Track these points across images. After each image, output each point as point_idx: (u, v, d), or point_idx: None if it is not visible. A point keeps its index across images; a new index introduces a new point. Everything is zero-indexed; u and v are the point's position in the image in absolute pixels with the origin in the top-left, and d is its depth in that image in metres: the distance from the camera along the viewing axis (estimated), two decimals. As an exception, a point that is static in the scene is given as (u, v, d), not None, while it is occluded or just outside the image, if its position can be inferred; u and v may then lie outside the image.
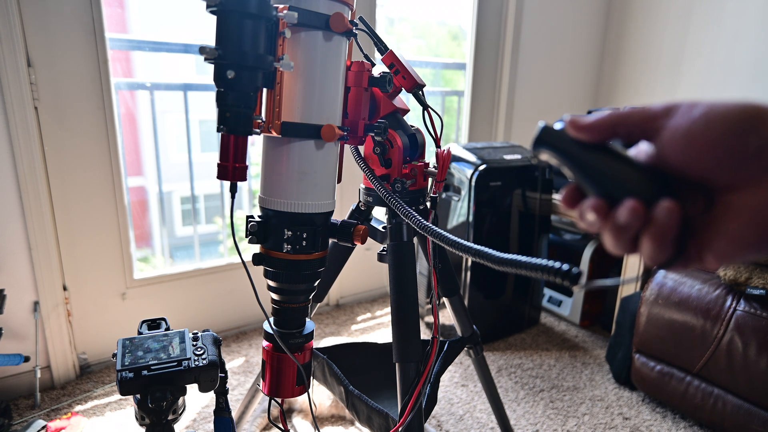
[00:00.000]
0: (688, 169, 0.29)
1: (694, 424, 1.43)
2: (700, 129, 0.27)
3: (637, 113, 0.30)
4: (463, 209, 1.74)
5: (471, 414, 1.46)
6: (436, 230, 0.52)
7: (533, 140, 0.34)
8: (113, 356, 0.65)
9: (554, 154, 0.33)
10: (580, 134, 0.32)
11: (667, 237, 0.28)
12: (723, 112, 0.27)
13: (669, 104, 0.29)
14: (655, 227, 0.28)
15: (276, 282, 0.66)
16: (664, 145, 0.29)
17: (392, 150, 0.81)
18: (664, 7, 2.35)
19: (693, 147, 0.28)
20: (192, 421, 1.38)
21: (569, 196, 0.33)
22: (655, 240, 0.29)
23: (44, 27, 1.34)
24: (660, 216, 0.28)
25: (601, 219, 0.31)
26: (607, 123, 0.31)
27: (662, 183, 0.30)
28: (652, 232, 0.29)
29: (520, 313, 1.96)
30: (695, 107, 0.28)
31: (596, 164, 0.32)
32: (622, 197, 0.30)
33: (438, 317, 0.82)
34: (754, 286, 1.23)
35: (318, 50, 0.60)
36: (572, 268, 0.34)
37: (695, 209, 0.29)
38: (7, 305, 1.39)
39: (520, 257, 0.38)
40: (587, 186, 0.32)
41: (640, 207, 0.29)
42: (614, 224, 0.30)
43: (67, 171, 1.45)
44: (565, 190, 0.34)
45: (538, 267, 0.36)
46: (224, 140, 0.54)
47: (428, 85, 1.80)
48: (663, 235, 0.28)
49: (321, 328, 1.94)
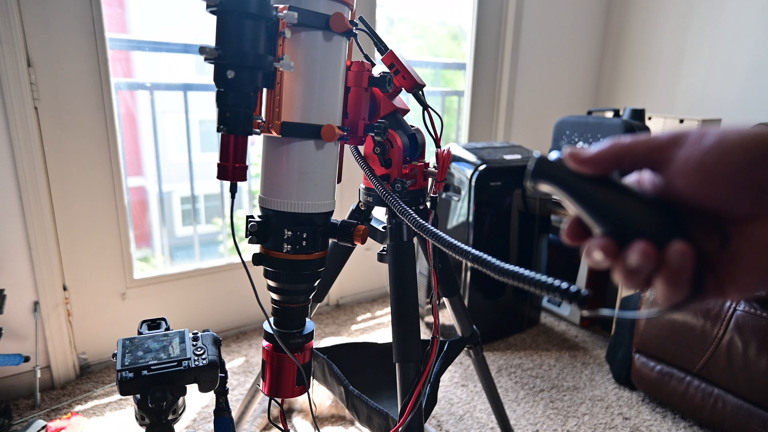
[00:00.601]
0: (702, 202, 0.27)
1: (694, 424, 1.43)
2: (714, 160, 0.26)
3: (642, 144, 0.29)
4: (463, 209, 1.74)
5: (471, 414, 1.46)
6: (435, 232, 0.51)
7: (529, 172, 0.32)
8: (113, 356, 0.65)
9: (555, 187, 0.31)
10: (582, 168, 0.30)
11: (683, 279, 0.27)
12: (737, 142, 0.25)
13: (676, 133, 0.28)
14: (669, 270, 0.27)
15: (276, 282, 0.66)
16: (674, 177, 0.28)
17: (392, 150, 0.81)
18: (664, 7, 2.35)
19: (707, 179, 0.26)
20: (192, 421, 1.38)
21: (573, 231, 0.32)
22: (669, 283, 0.27)
23: (44, 27, 1.34)
24: (673, 259, 0.27)
25: (610, 260, 0.29)
26: (611, 155, 0.29)
27: (673, 220, 0.28)
28: (666, 276, 0.27)
29: (520, 313, 1.96)
30: (705, 136, 0.26)
31: (602, 200, 0.29)
32: (631, 237, 0.28)
33: (438, 317, 0.82)
34: (754, 286, 1.23)
35: (318, 50, 0.60)
36: (580, 290, 0.32)
37: (710, 245, 0.28)
38: (7, 305, 1.39)
39: (523, 271, 0.35)
40: (592, 222, 0.30)
41: (651, 250, 0.27)
42: (625, 267, 0.28)
43: (67, 171, 1.45)
44: (567, 223, 0.32)
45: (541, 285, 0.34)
46: (224, 140, 0.54)
47: (428, 85, 1.80)
48: (678, 277, 0.27)
49: (321, 328, 1.94)
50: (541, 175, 0.31)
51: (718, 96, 2.21)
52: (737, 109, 2.15)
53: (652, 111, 2.42)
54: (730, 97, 2.17)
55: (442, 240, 0.48)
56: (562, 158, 0.31)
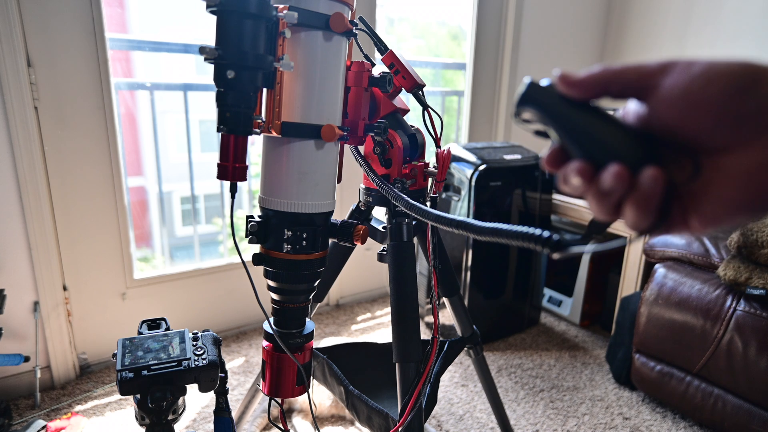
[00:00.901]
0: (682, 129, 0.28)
1: (694, 424, 1.43)
2: (700, 86, 0.26)
3: (631, 70, 0.29)
4: (463, 209, 1.74)
5: (471, 414, 1.46)
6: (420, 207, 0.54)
7: (518, 97, 0.32)
8: (113, 356, 0.65)
9: (539, 113, 0.32)
10: (570, 90, 0.30)
11: (651, 204, 0.28)
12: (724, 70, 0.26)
13: (665, 61, 0.28)
14: (639, 194, 0.28)
15: (276, 282, 0.66)
16: (659, 103, 0.28)
17: (392, 150, 0.81)
18: (664, 7, 2.35)
19: (690, 104, 0.27)
20: (192, 421, 1.39)
21: (553, 158, 0.32)
22: (638, 207, 0.28)
23: (44, 27, 1.34)
24: (645, 183, 0.28)
25: (586, 183, 0.30)
26: (600, 79, 0.30)
27: (649, 148, 0.29)
28: (636, 199, 0.28)
29: (520, 313, 1.96)
30: (694, 65, 0.27)
31: (583, 125, 0.30)
32: (607, 161, 0.29)
33: (438, 317, 0.82)
34: (754, 286, 1.23)
35: (318, 50, 0.60)
36: (552, 235, 0.34)
37: (682, 175, 0.29)
38: (7, 305, 1.39)
39: (501, 225, 0.38)
40: (572, 147, 0.31)
41: (624, 172, 0.28)
42: (598, 189, 0.29)
43: (67, 171, 1.45)
44: (549, 150, 0.32)
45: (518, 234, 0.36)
46: (224, 140, 0.54)
47: (428, 85, 1.80)
48: (646, 202, 0.28)
49: (321, 328, 1.94)
50: (529, 100, 0.32)
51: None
52: (737, 109, 2.15)
53: (652, 111, 2.42)
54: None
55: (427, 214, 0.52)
56: (552, 84, 0.31)
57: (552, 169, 0.32)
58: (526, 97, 0.32)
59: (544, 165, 0.33)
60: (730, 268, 1.29)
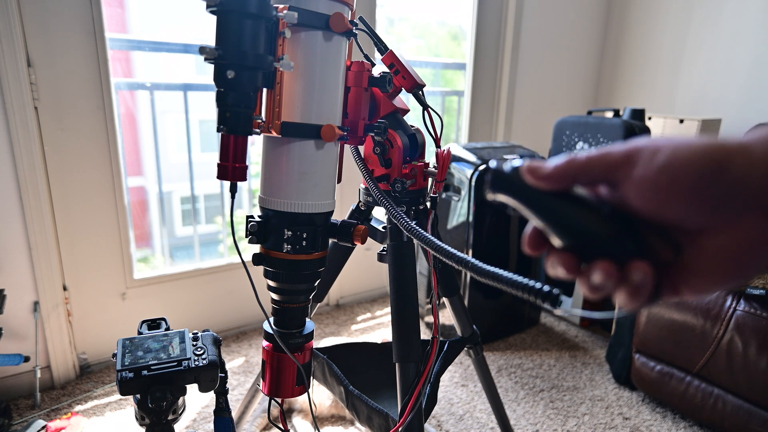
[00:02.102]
0: (657, 218, 0.28)
1: (694, 424, 1.43)
2: (667, 180, 0.27)
3: (597, 162, 0.29)
4: (463, 209, 1.74)
5: (471, 414, 1.46)
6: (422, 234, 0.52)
7: (487, 183, 0.32)
8: (113, 356, 0.65)
9: (514, 200, 0.31)
10: (539, 183, 0.30)
11: (644, 294, 0.29)
12: (687, 158, 0.26)
13: (629, 149, 0.28)
14: (631, 287, 0.28)
15: (276, 282, 0.66)
16: (629, 195, 0.29)
17: (392, 150, 0.81)
18: (664, 7, 2.35)
19: (661, 198, 0.27)
20: (192, 421, 1.38)
21: (533, 241, 0.32)
22: (630, 297, 0.29)
23: (44, 27, 1.34)
24: (635, 277, 0.28)
25: (573, 274, 0.30)
26: (567, 172, 0.30)
27: (631, 236, 0.29)
28: (628, 291, 0.29)
29: (520, 313, 1.96)
30: (657, 153, 0.27)
31: (561, 214, 0.30)
32: (592, 253, 0.29)
33: (438, 317, 0.82)
34: (754, 286, 1.23)
35: (318, 50, 0.60)
36: (552, 290, 0.33)
37: (665, 255, 0.29)
38: (7, 305, 1.39)
39: (502, 272, 0.37)
40: (552, 234, 0.31)
41: (613, 269, 0.29)
42: (588, 282, 0.30)
43: (67, 171, 1.45)
44: (527, 234, 0.33)
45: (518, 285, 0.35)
46: (224, 140, 0.54)
47: (428, 85, 1.80)
48: (638, 293, 0.29)
49: (321, 328, 1.94)
50: (498, 187, 0.31)
51: (718, 96, 2.21)
52: (737, 109, 2.15)
53: (652, 111, 2.42)
54: (730, 97, 2.17)
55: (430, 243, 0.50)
56: (519, 169, 0.31)
57: (534, 252, 0.33)
58: (494, 184, 0.31)
59: (524, 247, 0.33)
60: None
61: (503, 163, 0.32)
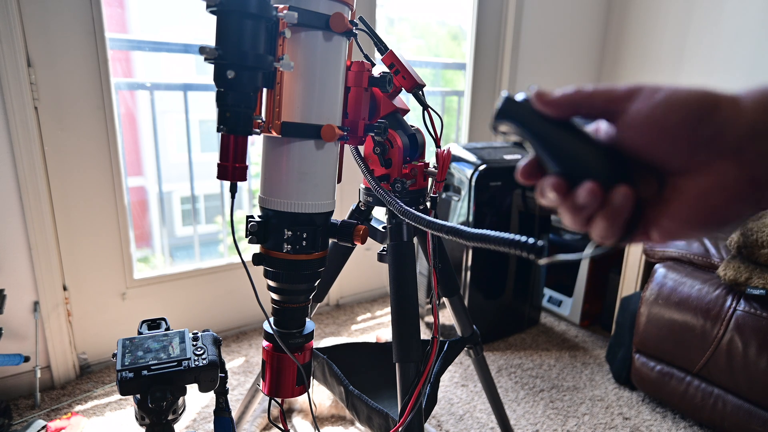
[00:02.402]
0: (645, 153, 0.30)
1: (694, 424, 1.43)
2: (660, 114, 0.28)
3: (601, 94, 0.31)
4: (463, 209, 1.74)
5: (471, 414, 1.46)
6: (415, 214, 0.54)
7: (495, 111, 0.33)
8: (113, 356, 0.65)
9: (516, 127, 0.33)
10: (545, 108, 0.32)
11: (621, 219, 0.30)
12: (683, 99, 0.28)
13: (633, 87, 0.30)
14: (611, 210, 0.30)
15: (276, 282, 0.66)
16: (624, 126, 0.30)
17: (392, 150, 0.81)
18: (664, 7, 2.35)
19: (652, 130, 0.29)
20: (192, 421, 1.39)
21: (528, 170, 0.34)
22: (608, 221, 0.30)
23: (44, 27, 1.34)
24: (616, 200, 0.30)
25: (561, 197, 0.32)
26: (572, 101, 0.31)
27: (620, 166, 0.31)
28: (607, 214, 0.30)
29: (520, 313, 1.96)
30: (658, 91, 0.29)
31: (558, 142, 0.32)
32: (581, 177, 0.31)
33: (438, 317, 0.82)
34: (754, 286, 1.23)
35: (318, 50, 0.60)
36: (537, 242, 0.36)
37: (648, 191, 0.31)
38: (7, 305, 1.39)
39: (489, 232, 0.40)
40: (548, 162, 0.33)
41: (598, 189, 0.30)
42: (573, 203, 0.31)
43: (67, 171, 1.45)
44: (524, 162, 0.34)
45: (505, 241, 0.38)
46: (224, 140, 0.54)
47: (428, 85, 1.80)
48: (617, 217, 0.30)
49: (321, 328, 1.94)
50: (506, 114, 0.33)
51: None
52: (737, 109, 2.15)
53: (652, 111, 2.42)
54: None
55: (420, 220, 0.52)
56: (528, 99, 0.33)
57: (526, 181, 0.34)
58: (503, 111, 0.33)
59: (518, 176, 0.34)
60: (730, 268, 1.29)
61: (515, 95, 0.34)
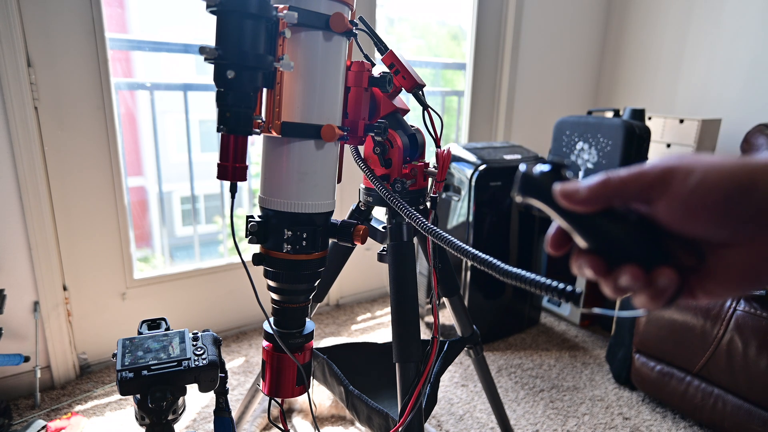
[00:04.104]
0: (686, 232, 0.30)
1: (694, 424, 1.43)
2: (698, 199, 0.28)
3: (632, 182, 0.30)
4: (463, 209, 1.74)
5: (471, 414, 1.46)
6: (441, 234, 0.52)
7: (516, 187, 0.32)
8: (113, 356, 0.65)
9: (542, 204, 0.32)
10: (576, 208, 0.31)
11: (666, 298, 0.30)
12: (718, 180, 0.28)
13: (664, 169, 0.29)
14: (655, 291, 0.30)
15: (276, 282, 0.66)
16: (661, 212, 0.30)
17: (392, 150, 0.81)
18: (664, 7, 2.35)
19: (691, 216, 0.29)
20: (192, 421, 1.38)
21: (557, 241, 0.33)
22: (653, 300, 0.30)
23: (44, 27, 1.34)
24: (661, 282, 0.30)
25: (600, 277, 0.32)
26: (602, 195, 0.31)
27: (658, 244, 0.30)
28: (652, 295, 0.30)
29: (520, 313, 1.96)
30: (691, 174, 0.28)
31: (592, 222, 0.31)
32: (620, 259, 0.30)
33: (438, 317, 0.82)
34: (754, 286, 1.23)
35: (318, 50, 0.60)
36: (574, 289, 0.34)
37: (689, 261, 0.31)
38: (7, 305, 1.39)
39: (525, 273, 0.38)
40: (582, 239, 0.31)
41: (640, 273, 0.30)
42: (614, 284, 0.31)
43: (67, 171, 1.45)
44: (551, 234, 0.33)
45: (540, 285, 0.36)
46: (224, 140, 0.54)
47: (428, 85, 1.80)
48: (661, 297, 0.30)
49: (321, 328, 1.94)
50: (528, 191, 0.32)
51: (718, 96, 2.21)
52: (737, 109, 2.15)
53: (652, 111, 2.42)
54: (730, 96, 2.17)
55: (449, 242, 0.49)
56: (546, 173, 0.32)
57: (557, 252, 0.34)
58: (524, 188, 0.32)
59: (548, 248, 0.34)
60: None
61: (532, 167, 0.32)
